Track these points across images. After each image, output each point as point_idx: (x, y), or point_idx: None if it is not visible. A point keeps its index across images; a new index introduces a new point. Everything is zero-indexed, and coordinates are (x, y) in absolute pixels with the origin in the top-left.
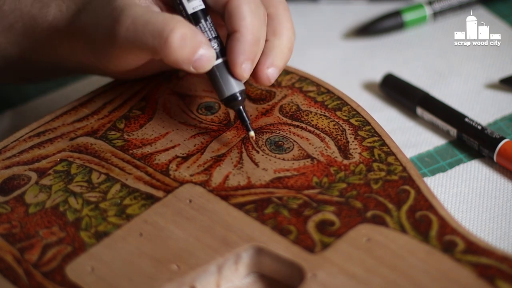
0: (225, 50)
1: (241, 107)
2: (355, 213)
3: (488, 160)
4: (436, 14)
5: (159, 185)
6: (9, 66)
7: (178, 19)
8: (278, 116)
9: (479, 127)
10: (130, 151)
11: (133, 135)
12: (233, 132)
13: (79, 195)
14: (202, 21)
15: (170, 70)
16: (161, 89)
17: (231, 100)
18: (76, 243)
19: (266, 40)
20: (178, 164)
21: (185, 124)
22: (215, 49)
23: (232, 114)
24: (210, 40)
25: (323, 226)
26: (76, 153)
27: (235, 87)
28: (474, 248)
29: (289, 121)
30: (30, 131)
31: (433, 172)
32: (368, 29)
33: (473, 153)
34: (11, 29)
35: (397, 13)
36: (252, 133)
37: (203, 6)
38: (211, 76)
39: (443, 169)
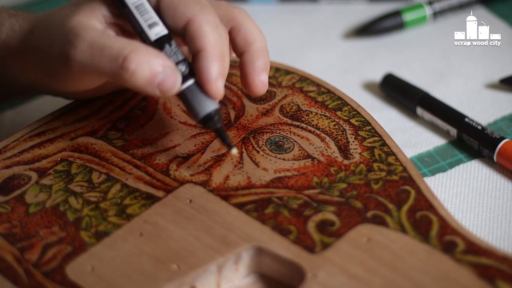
0: (193, 71)
1: (218, 126)
2: (356, 213)
3: (488, 160)
4: (436, 14)
5: (160, 185)
6: None
7: (135, 44)
8: (278, 116)
9: (479, 127)
10: (131, 151)
11: (134, 135)
12: (233, 132)
13: (80, 195)
14: (167, 45)
15: None
16: None
17: (207, 120)
18: (76, 242)
19: (244, 52)
20: (178, 164)
21: (185, 124)
22: (183, 72)
23: (232, 114)
24: (177, 63)
25: (323, 226)
26: (76, 153)
27: (209, 106)
28: (474, 248)
29: (289, 121)
30: (31, 131)
31: (433, 172)
32: (368, 29)
33: (473, 153)
34: None
35: (397, 13)
36: (234, 151)
37: (166, 31)
38: (183, 99)
39: (443, 169)
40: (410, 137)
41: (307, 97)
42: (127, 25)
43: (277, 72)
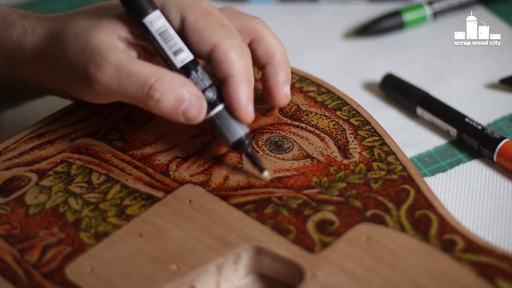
0: (221, 96)
1: (249, 150)
2: (355, 212)
3: (488, 160)
4: (436, 14)
5: (159, 185)
6: None
7: (161, 72)
8: (278, 116)
9: (479, 127)
10: (130, 152)
11: (133, 136)
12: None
13: (79, 195)
14: (193, 72)
15: None
16: None
17: (238, 145)
18: (76, 243)
19: (266, 64)
20: (178, 164)
21: (184, 125)
22: (210, 98)
23: None
24: (205, 90)
25: (322, 226)
26: (76, 154)
27: (239, 131)
28: (473, 247)
29: (289, 121)
30: (31, 133)
31: (433, 172)
32: (368, 29)
33: (473, 153)
34: None
35: (397, 13)
36: (266, 174)
37: (192, 57)
38: (213, 124)
39: (443, 169)
40: (410, 137)
41: (307, 97)
42: (149, 46)
43: None
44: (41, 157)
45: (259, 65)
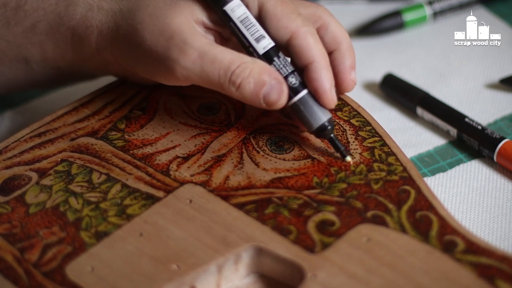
0: (304, 82)
1: (332, 135)
2: (355, 213)
3: (488, 160)
4: (436, 14)
5: (160, 185)
6: (31, 71)
7: (243, 58)
8: (278, 117)
9: (479, 127)
10: (131, 152)
11: (134, 135)
12: (234, 133)
13: (80, 195)
14: (275, 58)
15: None
16: (162, 89)
17: (321, 131)
18: (76, 243)
19: (334, 50)
20: (178, 164)
21: (185, 125)
22: (293, 83)
23: (233, 114)
24: (287, 76)
25: (323, 226)
26: (76, 153)
27: (322, 117)
28: (474, 248)
29: (290, 122)
30: (31, 132)
31: (433, 172)
32: (368, 29)
33: (473, 153)
34: (34, 28)
35: (397, 13)
36: (349, 159)
37: (273, 44)
38: (295, 110)
39: (443, 169)
40: (410, 137)
41: None
42: (224, 32)
43: None
44: (41, 156)
45: (327, 51)
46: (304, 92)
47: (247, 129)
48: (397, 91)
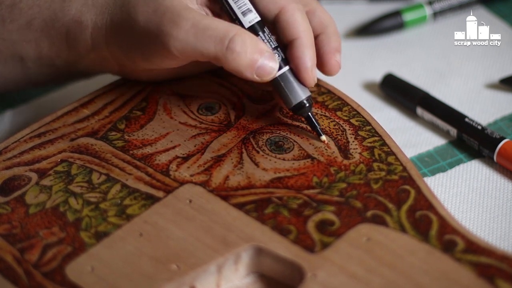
0: (286, 59)
1: (309, 114)
2: (355, 213)
3: (488, 160)
4: (436, 14)
5: (159, 185)
6: (26, 69)
7: (237, 27)
8: (278, 116)
9: (479, 127)
10: (131, 152)
11: (134, 135)
12: (234, 133)
13: (80, 195)
14: (260, 33)
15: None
16: (162, 89)
17: (299, 108)
18: (76, 243)
19: (320, 33)
20: (178, 164)
21: (185, 125)
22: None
23: (232, 115)
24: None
25: (323, 226)
26: (76, 153)
27: (301, 94)
28: (474, 247)
29: (289, 121)
30: (31, 132)
31: (433, 172)
32: (368, 29)
33: (473, 153)
34: (29, 25)
35: (397, 13)
36: (323, 137)
37: (259, 18)
38: (276, 86)
39: (443, 169)
40: (410, 137)
41: None
42: (215, 8)
43: None
44: (41, 157)
45: (314, 34)
46: (286, 68)
47: (247, 129)
48: (397, 91)
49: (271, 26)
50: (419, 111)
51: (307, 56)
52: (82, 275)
